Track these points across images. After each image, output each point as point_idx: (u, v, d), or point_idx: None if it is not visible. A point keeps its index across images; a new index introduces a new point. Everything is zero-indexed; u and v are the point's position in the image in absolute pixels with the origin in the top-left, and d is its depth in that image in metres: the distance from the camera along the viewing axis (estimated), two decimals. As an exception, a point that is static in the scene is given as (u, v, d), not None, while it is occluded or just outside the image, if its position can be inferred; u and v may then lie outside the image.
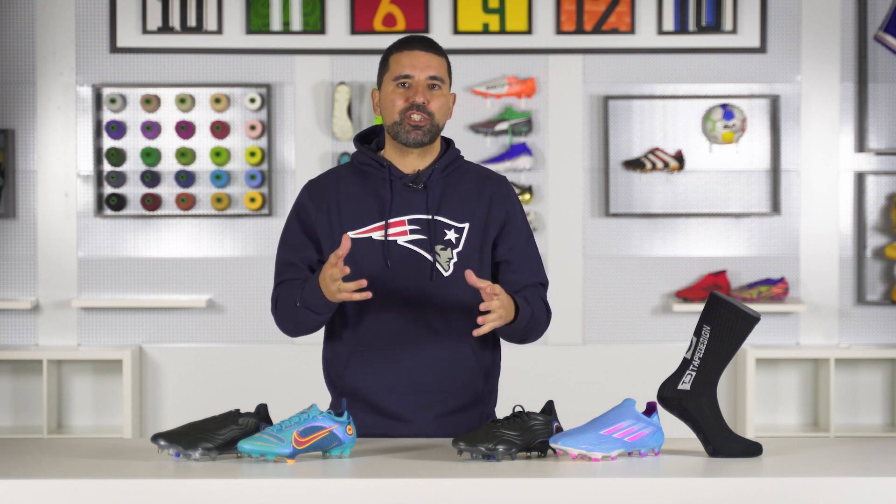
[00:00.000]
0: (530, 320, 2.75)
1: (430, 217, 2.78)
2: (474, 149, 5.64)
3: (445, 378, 2.78)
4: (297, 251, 2.83)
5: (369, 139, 2.91)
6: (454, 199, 2.81)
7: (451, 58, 3.01)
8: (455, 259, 2.77)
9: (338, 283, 2.61)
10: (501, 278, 2.83)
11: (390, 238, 2.77)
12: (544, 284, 2.87)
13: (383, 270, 2.74)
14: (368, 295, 2.63)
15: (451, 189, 2.82)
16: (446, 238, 2.78)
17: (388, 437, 2.76)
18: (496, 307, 2.62)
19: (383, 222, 2.78)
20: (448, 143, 2.88)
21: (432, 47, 2.81)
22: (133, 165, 5.70)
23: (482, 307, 2.61)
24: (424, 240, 2.77)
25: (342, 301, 2.67)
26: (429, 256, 2.76)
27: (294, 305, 2.75)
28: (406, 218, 2.78)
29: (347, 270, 2.60)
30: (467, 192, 2.83)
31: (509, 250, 2.83)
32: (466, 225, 2.80)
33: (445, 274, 2.77)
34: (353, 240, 2.77)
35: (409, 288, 2.75)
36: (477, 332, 2.63)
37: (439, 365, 2.78)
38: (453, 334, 2.78)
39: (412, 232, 2.78)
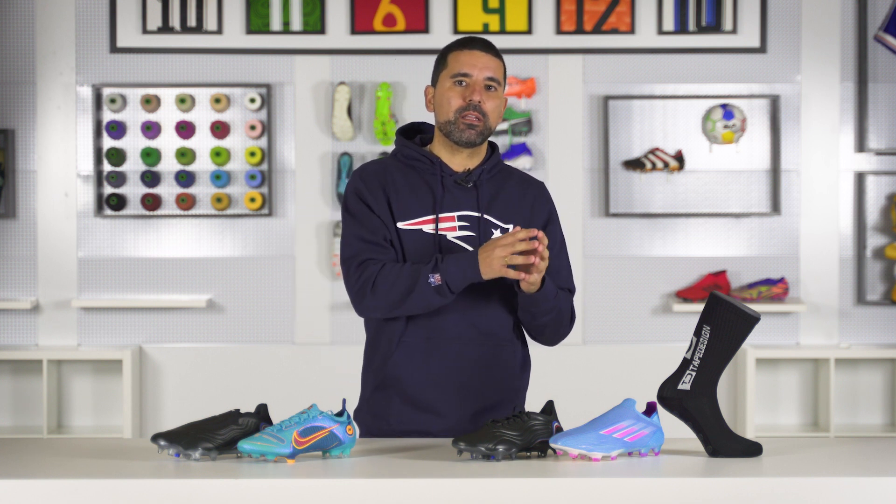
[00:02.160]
0: (555, 301, 2.78)
1: (480, 215, 2.82)
2: (474, 149, 5.64)
3: (486, 375, 2.81)
4: (374, 230, 2.81)
5: (410, 135, 2.94)
6: (501, 200, 2.86)
7: (452, 57, 3.02)
8: None
9: (507, 257, 2.64)
10: None
11: (440, 232, 2.79)
12: (572, 291, 2.92)
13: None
14: (523, 275, 2.67)
15: (498, 190, 2.87)
16: (493, 237, 2.80)
17: (423, 431, 2.78)
18: (542, 250, 2.65)
19: (434, 216, 2.80)
20: (493, 147, 2.92)
21: (491, 49, 2.86)
22: (133, 165, 5.70)
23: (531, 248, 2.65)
24: (473, 237, 2.80)
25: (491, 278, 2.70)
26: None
27: (423, 286, 2.70)
28: (456, 214, 2.82)
29: (540, 249, 2.65)
30: (512, 194, 2.88)
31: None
32: (511, 226, 2.84)
33: None
34: (403, 231, 2.80)
35: None
36: (527, 278, 2.66)
37: (481, 361, 2.81)
38: (497, 332, 2.82)
39: (461, 228, 2.81)
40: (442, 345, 2.79)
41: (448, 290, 2.71)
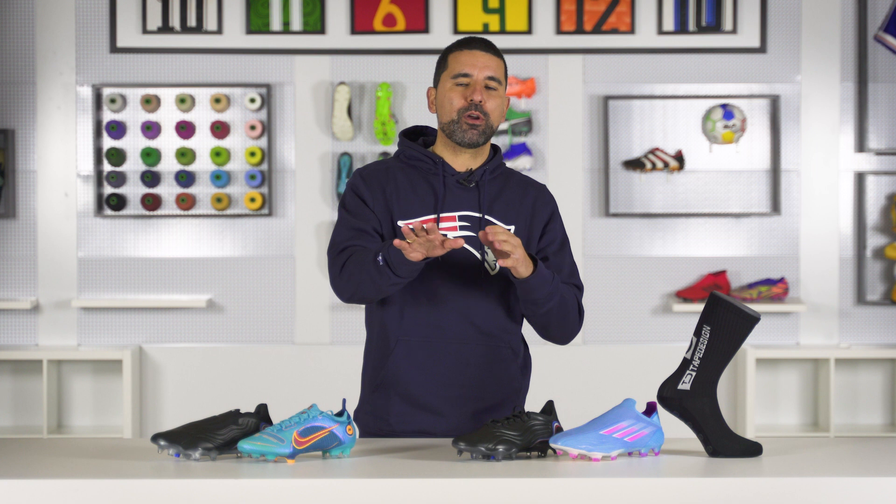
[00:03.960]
0: (553, 286, 2.73)
1: (481, 215, 2.82)
2: (474, 149, 5.64)
3: (485, 375, 2.82)
4: (364, 220, 2.81)
5: (414, 136, 2.94)
6: (503, 201, 2.86)
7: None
8: None
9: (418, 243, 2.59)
10: None
11: (441, 231, 2.78)
12: (579, 287, 2.89)
13: (432, 263, 2.73)
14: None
15: (500, 191, 2.88)
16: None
17: (423, 431, 2.78)
18: (501, 236, 2.60)
19: (435, 215, 2.81)
20: (496, 149, 2.93)
21: (492, 48, 2.86)
22: (133, 165, 5.70)
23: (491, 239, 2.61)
24: (474, 237, 2.80)
25: (419, 262, 2.63)
26: (477, 254, 2.80)
27: (371, 264, 2.67)
28: (457, 214, 2.82)
29: (442, 250, 2.60)
30: (513, 195, 2.88)
31: (544, 248, 2.88)
32: (513, 227, 2.84)
33: (492, 272, 2.80)
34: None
35: (456, 283, 2.78)
36: (503, 263, 2.62)
37: (480, 362, 2.81)
38: (496, 332, 2.82)
39: (462, 228, 2.81)
40: (441, 345, 2.79)
41: (390, 271, 2.64)
